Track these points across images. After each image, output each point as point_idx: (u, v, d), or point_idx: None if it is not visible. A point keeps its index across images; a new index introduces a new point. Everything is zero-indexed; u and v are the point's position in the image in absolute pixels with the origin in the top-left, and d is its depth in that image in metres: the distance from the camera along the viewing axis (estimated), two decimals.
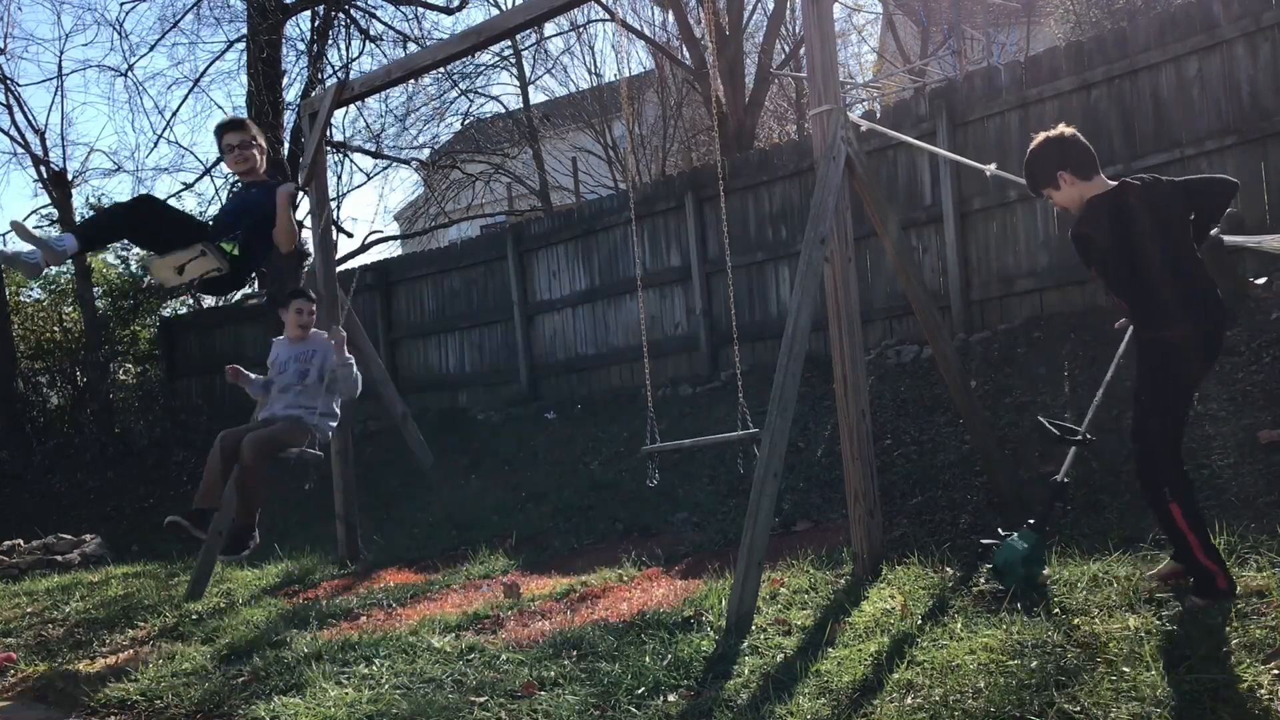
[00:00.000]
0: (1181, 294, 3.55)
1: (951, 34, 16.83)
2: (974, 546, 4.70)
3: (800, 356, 4.55)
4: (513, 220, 17.26)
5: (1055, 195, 3.82)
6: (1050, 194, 3.83)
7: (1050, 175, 3.78)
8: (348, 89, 7.54)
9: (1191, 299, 3.56)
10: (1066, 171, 3.74)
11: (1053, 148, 3.78)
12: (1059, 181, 3.76)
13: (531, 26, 9.39)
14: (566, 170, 20.38)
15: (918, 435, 6.65)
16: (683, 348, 9.88)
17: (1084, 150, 3.76)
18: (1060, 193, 3.79)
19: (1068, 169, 3.74)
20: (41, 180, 16.37)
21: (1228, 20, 6.68)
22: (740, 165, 9.54)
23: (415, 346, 12.57)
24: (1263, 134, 6.60)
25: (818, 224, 4.68)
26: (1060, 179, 3.76)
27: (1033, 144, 3.86)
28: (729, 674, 3.59)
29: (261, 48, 14.04)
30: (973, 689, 3.09)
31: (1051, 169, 3.78)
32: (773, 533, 5.02)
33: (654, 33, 17.54)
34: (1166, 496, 3.54)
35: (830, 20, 4.91)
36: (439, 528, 7.88)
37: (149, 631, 5.83)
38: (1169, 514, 3.54)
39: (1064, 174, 3.75)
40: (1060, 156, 3.75)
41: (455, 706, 3.64)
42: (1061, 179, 3.75)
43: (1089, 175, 3.74)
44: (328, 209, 7.77)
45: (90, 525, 10.82)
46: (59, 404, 16.35)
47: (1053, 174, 3.77)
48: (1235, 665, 2.93)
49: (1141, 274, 3.59)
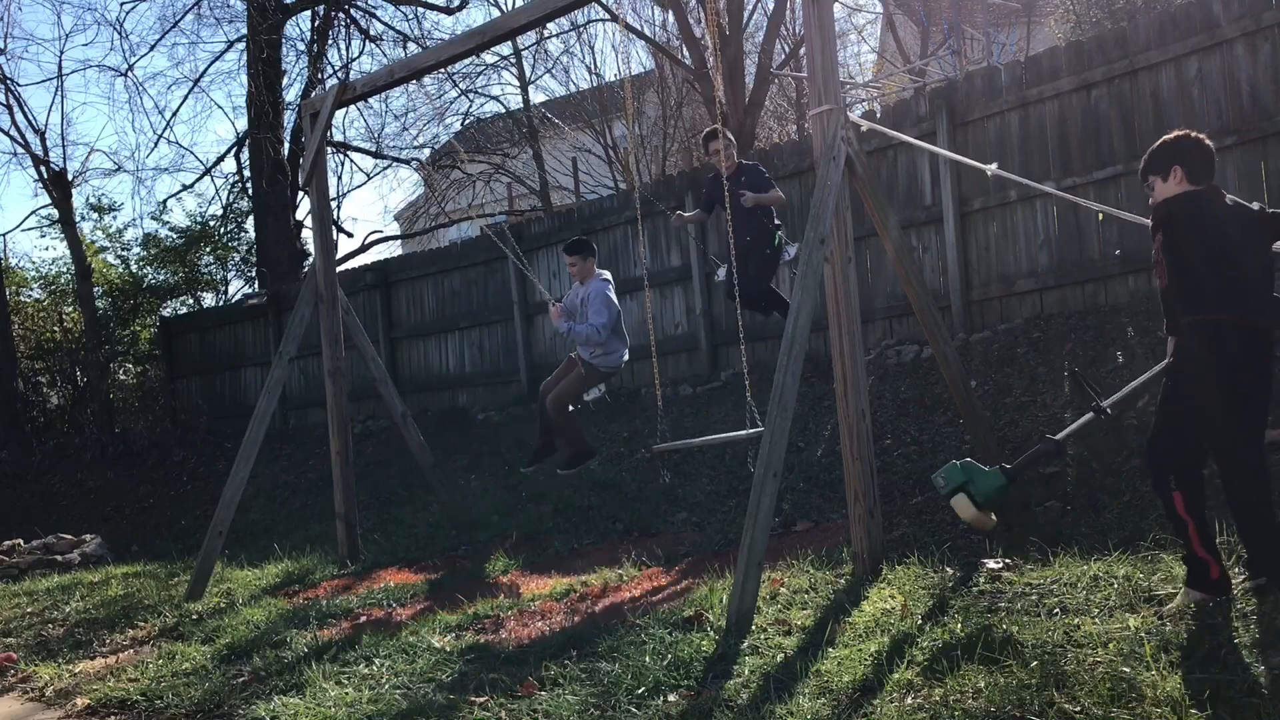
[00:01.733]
0: (1238, 286, 3.61)
1: (951, 34, 16.83)
2: (974, 547, 4.70)
3: (800, 356, 4.55)
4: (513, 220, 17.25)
5: (1159, 185, 3.84)
6: (1155, 181, 3.85)
7: (1166, 164, 3.81)
8: (350, 89, 7.54)
9: (1248, 290, 3.62)
10: (1181, 168, 3.77)
11: (1184, 143, 3.81)
12: (1170, 173, 3.79)
13: (535, 27, 9.38)
14: (566, 170, 20.38)
15: (918, 435, 6.65)
16: (683, 348, 9.88)
17: (1208, 159, 3.80)
18: (1164, 185, 3.82)
19: (1183, 165, 3.77)
20: (41, 180, 16.38)
21: (1228, 20, 6.68)
22: None
23: (415, 346, 12.57)
24: (1263, 134, 6.59)
25: (818, 224, 4.68)
26: (1172, 172, 3.79)
27: (1172, 134, 3.90)
28: (729, 674, 3.59)
29: (261, 48, 14.05)
30: (973, 689, 3.09)
31: (1170, 159, 3.81)
32: (773, 533, 5.02)
33: (654, 33, 17.54)
34: (1171, 484, 3.59)
35: (830, 20, 4.91)
36: (439, 528, 7.88)
37: (149, 631, 5.83)
38: (1171, 501, 3.59)
39: (1178, 168, 3.78)
40: (1184, 153, 3.80)
41: (455, 706, 3.64)
42: (1173, 172, 3.78)
43: (1198, 181, 3.78)
44: (328, 209, 7.78)
45: (90, 525, 10.83)
46: (59, 404, 16.38)
47: (1169, 164, 3.80)
48: (1235, 665, 2.93)
49: (1212, 263, 3.64)
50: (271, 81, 14.61)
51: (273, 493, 10.78)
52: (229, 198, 17.51)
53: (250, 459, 6.94)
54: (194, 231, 17.38)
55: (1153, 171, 3.86)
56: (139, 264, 17.70)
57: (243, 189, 16.91)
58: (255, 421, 6.99)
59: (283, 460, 11.83)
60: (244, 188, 16.79)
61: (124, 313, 16.79)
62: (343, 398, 7.48)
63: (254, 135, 14.71)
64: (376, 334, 12.26)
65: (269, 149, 14.46)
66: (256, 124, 14.62)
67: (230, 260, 17.77)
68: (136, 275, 17.44)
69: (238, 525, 7.39)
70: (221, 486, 7.02)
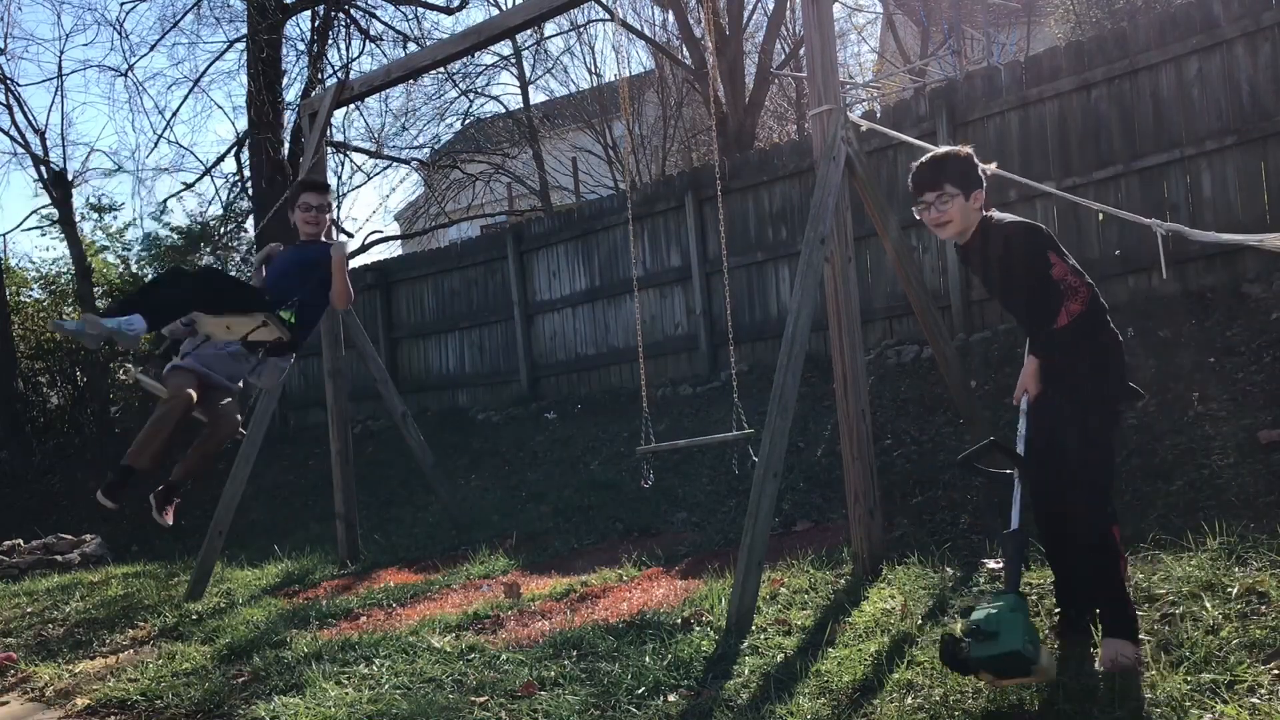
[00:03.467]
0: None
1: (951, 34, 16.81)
2: (974, 546, 4.70)
3: (800, 356, 4.54)
4: (513, 220, 17.26)
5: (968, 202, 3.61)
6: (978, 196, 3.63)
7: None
8: (348, 89, 7.54)
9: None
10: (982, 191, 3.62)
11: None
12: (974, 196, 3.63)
13: (532, 26, 9.39)
14: (566, 170, 20.38)
15: (918, 435, 6.66)
16: (683, 348, 9.88)
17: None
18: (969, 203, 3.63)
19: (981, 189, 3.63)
20: (41, 180, 16.40)
21: (1228, 20, 6.68)
22: (740, 165, 9.54)
23: (415, 346, 12.58)
24: (1263, 134, 6.60)
25: (818, 224, 4.68)
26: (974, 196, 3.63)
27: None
28: (729, 674, 3.59)
29: (261, 48, 14.04)
30: (973, 689, 3.09)
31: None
32: (773, 533, 5.02)
33: (654, 33, 17.56)
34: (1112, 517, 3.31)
35: (830, 20, 4.90)
36: (439, 528, 7.88)
37: (149, 631, 5.83)
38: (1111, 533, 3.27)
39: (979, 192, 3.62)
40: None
41: (455, 706, 3.64)
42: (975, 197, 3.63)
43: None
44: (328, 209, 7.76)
45: (90, 525, 10.81)
46: (59, 404, 16.36)
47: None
48: (1235, 665, 2.93)
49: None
50: (271, 81, 14.59)
51: (273, 493, 10.78)
52: (229, 198, 17.50)
53: (250, 459, 6.94)
54: (194, 231, 17.38)
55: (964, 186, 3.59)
56: (139, 264, 17.72)
57: (243, 189, 16.90)
58: (255, 422, 6.98)
59: (283, 460, 11.83)
60: (244, 188, 16.78)
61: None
62: (343, 398, 7.48)
63: (254, 135, 14.70)
64: (376, 334, 12.27)
65: (269, 149, 14.45)
66: (256, 124, 14.61)
67: (230, 260, 17.78)
68: (136, 275, 17.44)
69: (238, 525, 7.38)
70: (221, 486, 7.01)
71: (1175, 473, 4.95)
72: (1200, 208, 6.89)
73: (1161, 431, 5.38)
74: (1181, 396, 5.66)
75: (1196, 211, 6.88)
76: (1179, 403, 5.62)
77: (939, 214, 3.59)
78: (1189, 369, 5.88)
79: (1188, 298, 6.76)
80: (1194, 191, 6.95)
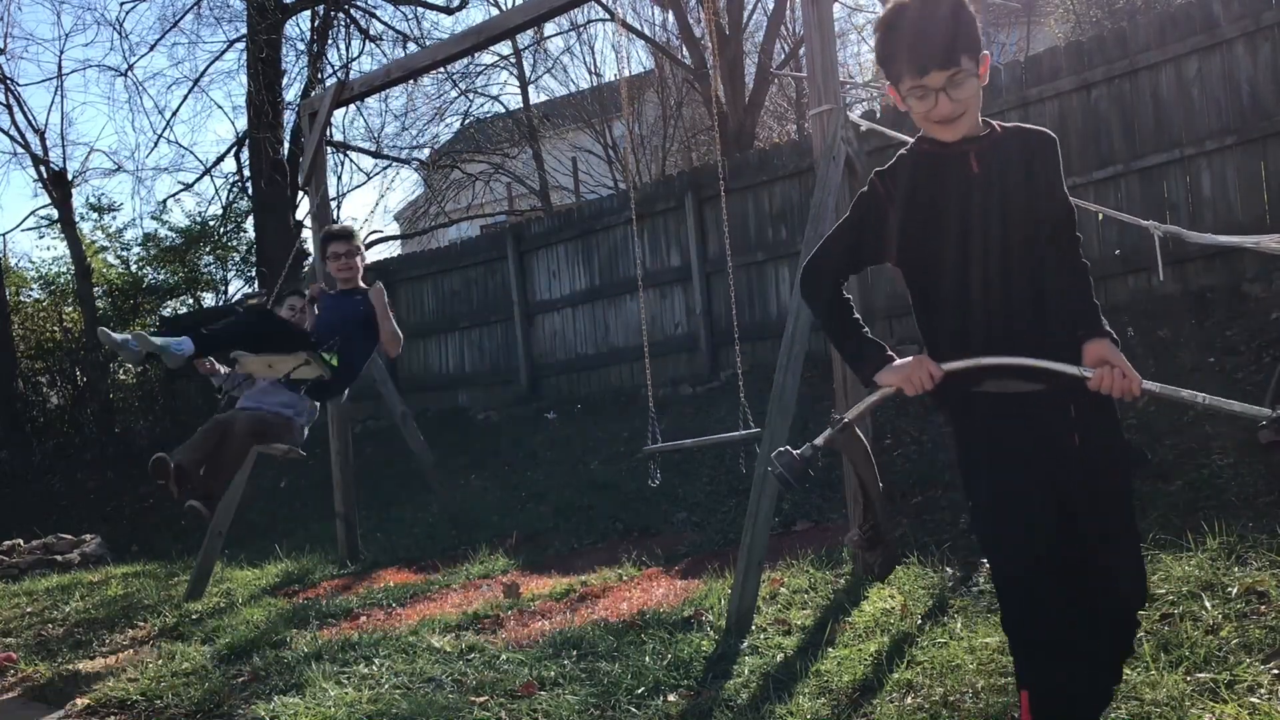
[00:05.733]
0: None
1: None
2: (974, 546, 4.69)
3: (800, 356, 4.54)
4: (513, 220, 17.26)
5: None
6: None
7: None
8: (347, 89, 7.55)
9: None
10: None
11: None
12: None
13: (532, 26, 9.39)
14: (566, 170, 20.38)
15: (918, 435, 6.65)
16: (683, 348, 9.88)
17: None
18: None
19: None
20: (41, 180, 16.40)
21: (1228, 20, 6.68)
22: (740, 165, 9.54)
23: (415, 346, 12.57)
24: (1263, 134, 6.60)
25: (818, 224, 4.68)
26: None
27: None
28: (729, 674, 3.59)
29: (261, 48, 14.05)
30: (973, 689, 3.09)
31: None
32: (773, 533, 5.01)
33: (654, 33, 17.54)
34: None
35: (830, 20, 4.91)
36: (439, 528, 7.88)
37: (149, 631, 5.83)
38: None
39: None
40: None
41: (455, 706, 3.64)
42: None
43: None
44: (328, 209, 7.77)
45: (90, 525, 10.82)
46: (59, 404, 16.36)
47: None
48: (1235, 665, 2.93)
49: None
50: (271, 81, 14.60)
51: (273, 493, 10.78)
52: (229, 197, 17.52)
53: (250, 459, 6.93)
54: (194, 231, 17.39)
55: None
56: (139, 264, 17.73)
57: (242, 189, 16.91)
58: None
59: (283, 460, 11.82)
60: (244, 187, 16.80)
61: (124, 313, 16.79)
62: (343, 398, 7.48)
63: (254, 135, 14.71)
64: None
65: (269, 149, 14.46)
66: (256, 124, 14.62)
67: (230, 260, 17.80)
68: (136, 275, 17.46)
69: (238, 525, 7.38)
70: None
71: (1175, 473, 4.95)
72: (1200, 208, 6.89)
73: (1161, 431, 5.38)
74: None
75: (1196, 211, 6.88)
76: (1179, 403, 5.61)
77: (953, 105, 2.29)
78: (1189, 369, 5.87)
79: (1188, 297, 6.76)
80: (1194, 191, 6.95)
